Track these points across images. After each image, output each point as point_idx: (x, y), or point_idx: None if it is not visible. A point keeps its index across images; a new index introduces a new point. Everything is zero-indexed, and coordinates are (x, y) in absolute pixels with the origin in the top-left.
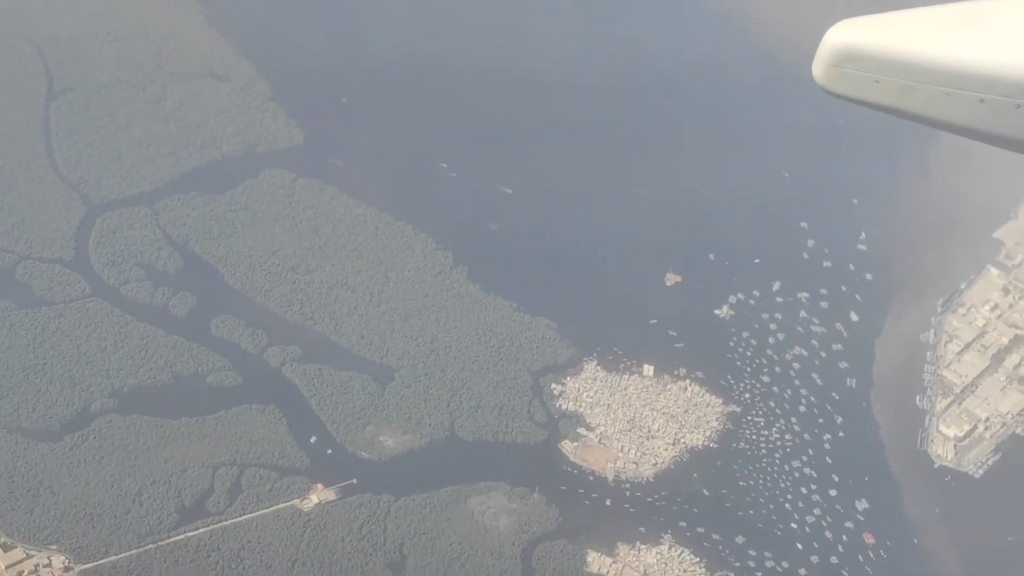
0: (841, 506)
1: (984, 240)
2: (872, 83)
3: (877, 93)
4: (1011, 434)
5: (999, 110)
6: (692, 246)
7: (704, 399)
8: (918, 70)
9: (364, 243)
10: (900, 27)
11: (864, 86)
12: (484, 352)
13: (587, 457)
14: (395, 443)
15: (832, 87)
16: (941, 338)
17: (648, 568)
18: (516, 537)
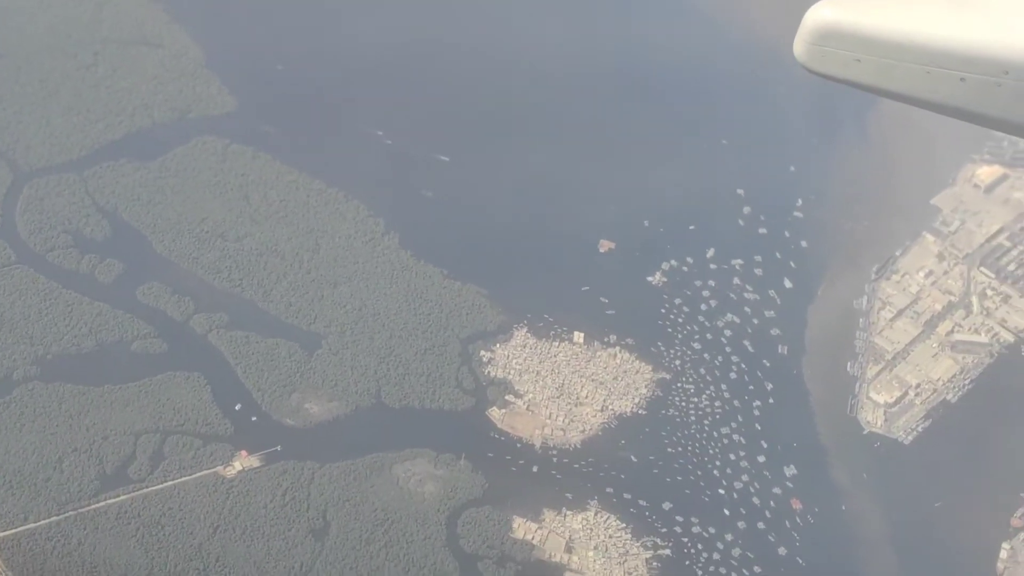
0: (769, 472)
1: (921, 207)
2: (853, 62)
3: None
4: (941, 400)
5: (980, 89)
6: (627, 213)
7: (634, 366)
8: (899, 49)
9: (295, 210)
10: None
11: (845, 65)
12: (413, 319)
13: (515, 424)
14: (321, 410)
15: (813, 66)
16: (874, 305)
17: (573, 534)
18: (441, 503)
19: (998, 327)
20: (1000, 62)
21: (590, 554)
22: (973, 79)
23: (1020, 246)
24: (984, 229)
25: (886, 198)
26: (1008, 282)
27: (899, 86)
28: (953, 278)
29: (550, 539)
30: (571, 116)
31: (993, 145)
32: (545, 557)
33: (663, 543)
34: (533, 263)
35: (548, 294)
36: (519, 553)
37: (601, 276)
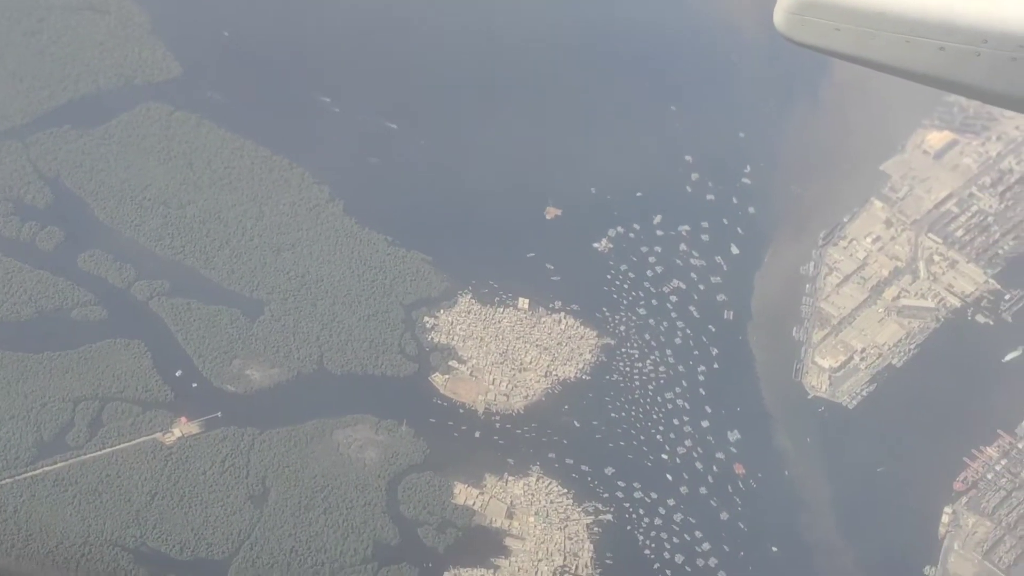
0: (713, 437)
1: (870, 173)
2: (832, 31)
3: (837, 41)
4: (886, 365)
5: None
6: (574, 180)
7: (578, 332)
8: (878, 18)
9: (239, 177)
10: None
11: (824, 34)
12: (357, 286)
13: (457, 390)
14: (262, 377)
15: (792, 35)
16: (821, 270)
17: (515, 499)
18: (382, 469)
19: (944, 292)
20: (979, 31)
21: (531, 519)
22: (952, 48)
23: (968, 212)
24: (932, 195)
25: (835, 164)
26: (955, 248)
27: (878, 55)
28: (900, 244)
29: (491, 504)
30: (518, 84)
31: (943, 111)
32: (486, 522)
33: (604, 508)
34: (479, 230)
35: (493, 260)
36: (459, 518)
37: (547, 243)
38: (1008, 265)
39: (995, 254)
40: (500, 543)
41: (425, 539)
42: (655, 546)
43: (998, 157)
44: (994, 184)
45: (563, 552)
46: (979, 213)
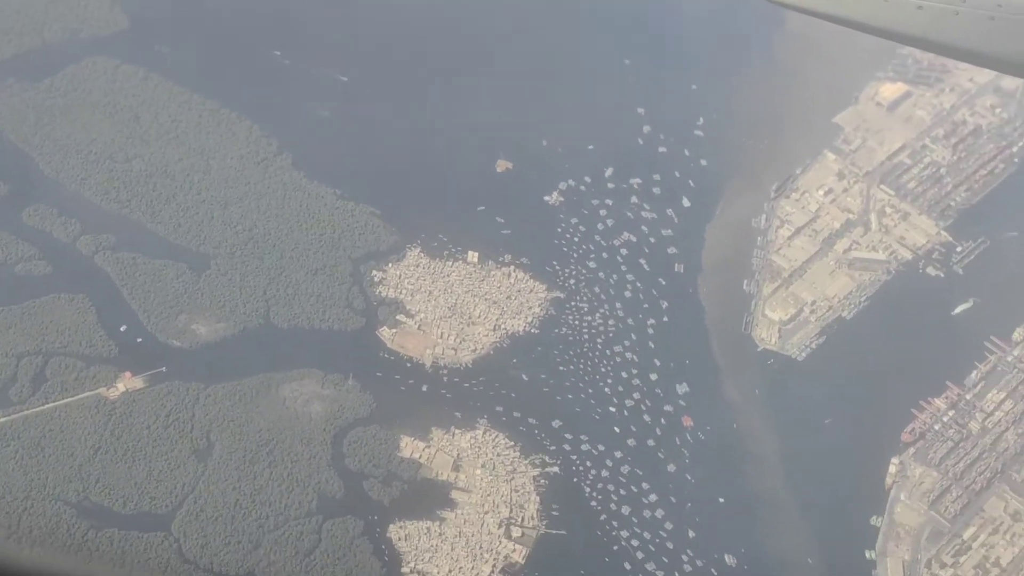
0: (661, 390)
1: (823, 125)
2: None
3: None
4: (837, 317)
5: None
6: (525, 133)
7: (528, 285)
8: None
9: (186, 131)
10: None
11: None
12: (304, 239)
13: (405, 343)
14: (208, 331)
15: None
16: (772, 223)
17: (461, 452)
18: (327, 423)
19: (896, 244)
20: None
21: (477, 472)
22: (930, 7)
23: (920, 164)
24: (885, 147)
25: (788, 117)
26: (907, 200)
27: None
28: (853, 196)
29: (438, 457)
30: (471, 38)
31: (897, 63)
32: (432, 475)
33: (551, 461)
34: (429, 183)
35: (443, 214)
36: (405, 471)
37: (497, 196)
38: (960, 217)
39: (947, 206)
40: (446, 496)
41: (370, 492)
42: (602, 498)
43: (952, 109)
44: (947, 136)
45: (509, 504)
46: (932, 165)
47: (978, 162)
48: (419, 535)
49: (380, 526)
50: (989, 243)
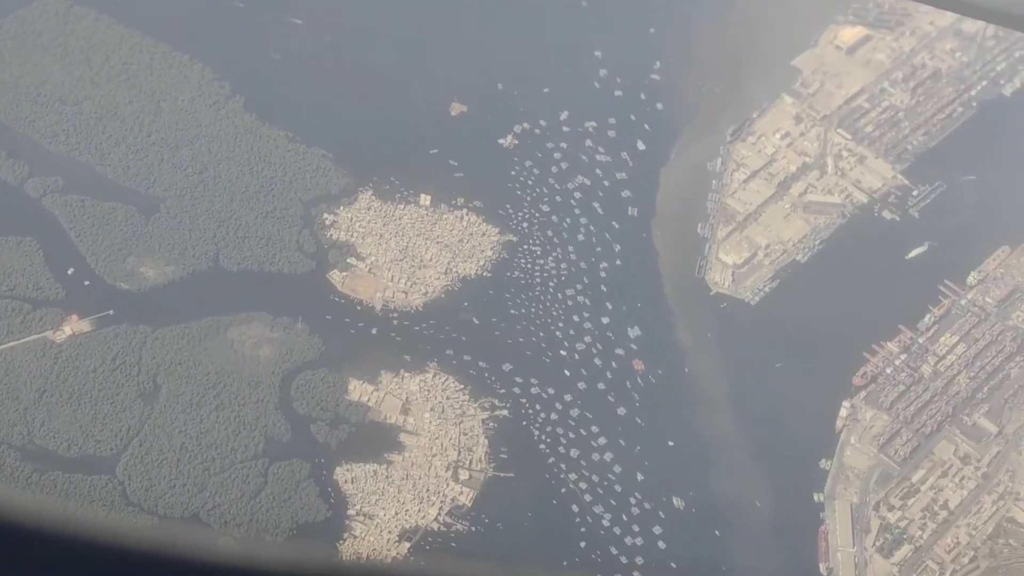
0: (613, 334)
1: (781, 69)
2: None
3: None
4: (791, 261)
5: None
6: (480, 76)
7: (480, 228)
8: None
9: (138, 73)
10: None
11: None
12: (255, 182)
13: (355, 287)
14: (156, 274)
15: None
16: (728, 167)
17: (410, 395)
18: (276, 366)
19: (852, 188)
20: None
21: (426, 415)
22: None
23: (878, 108)
24: (844, 91)
25: (746, 60)
26: (864, 143)
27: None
28: (809, 140)
29: (386, 401)
30: None
31: (858, 6)
32: (380, 418)
33: (501, 404)
34: (382, 127)
35: (396, 157)
36: (353, 415)
37: (451, 139)
38: (917, 161)
39: (904, 150)
40: (394, 439)
41: (318, 435)
42: (550, 441)
43: (911, 52)
44: (906, 79)
45: (457, 447)
46: (890, 109)
47: (936, 106)
48: (366, 478)
49: (327, 469)
50: (946, 187)
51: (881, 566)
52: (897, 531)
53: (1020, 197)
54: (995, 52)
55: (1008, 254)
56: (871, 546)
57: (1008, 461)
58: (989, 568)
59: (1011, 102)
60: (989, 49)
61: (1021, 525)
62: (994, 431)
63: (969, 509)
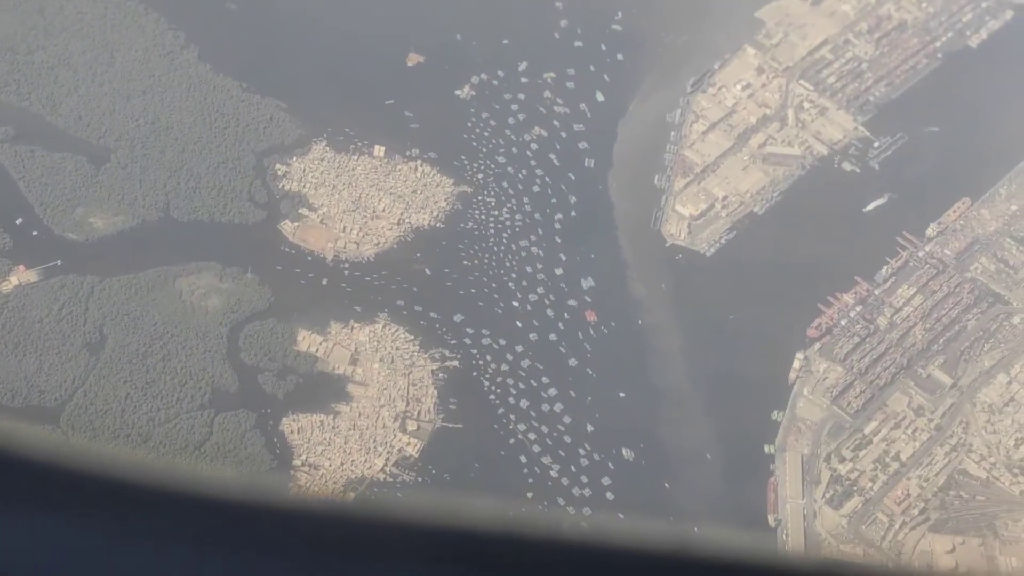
0: (566, 285)
1: (745, 20)
2: None
3: None
4: (748, 212)
5: None
6: (438, 26)
7: (435, 179)
8: None
9: (92, 24)
10: None
11: None
12: (208, 133)
13: (307, 237)
14: (105, 224)
15: None
16: (687, 118)
17: (360, 346)
18: (224, 316)
19: (812, 139)
20: None
21: (375, 365)
22: None
23: (842, 59)
24: (807, 42)
25: (709, 11)
26: (827, 95)
27: None
28: (771, 91)
29: (335, 351)
30: None
31: None
32: (328, 369)
33: (451, 354)
34: (337, 78)
35: (351, 108)
36: (301, 365)
37: (407, 90)
38: (879, 112)
39: (866, 101)
40: (342, 389)
41: (265, 386)
42: (500, 391)
43: (877, 3)
44: (871, 30)
45: (406, 398)
46: (853, 60)
47: (901, 57)
48: (312, 428)
49: (273, 419)
50: (907, 138)
51: (830, 517)
52: (847, 483)
53: (982, 149)
54: (962, 3)
55: (968, 206)
56: (820, 497)
57: (962, 413)
58: (939, 520)
59: (977, 53)
60: (956, 0)
61: (973, 477)
62: (948, 383)
63: (921, 461)
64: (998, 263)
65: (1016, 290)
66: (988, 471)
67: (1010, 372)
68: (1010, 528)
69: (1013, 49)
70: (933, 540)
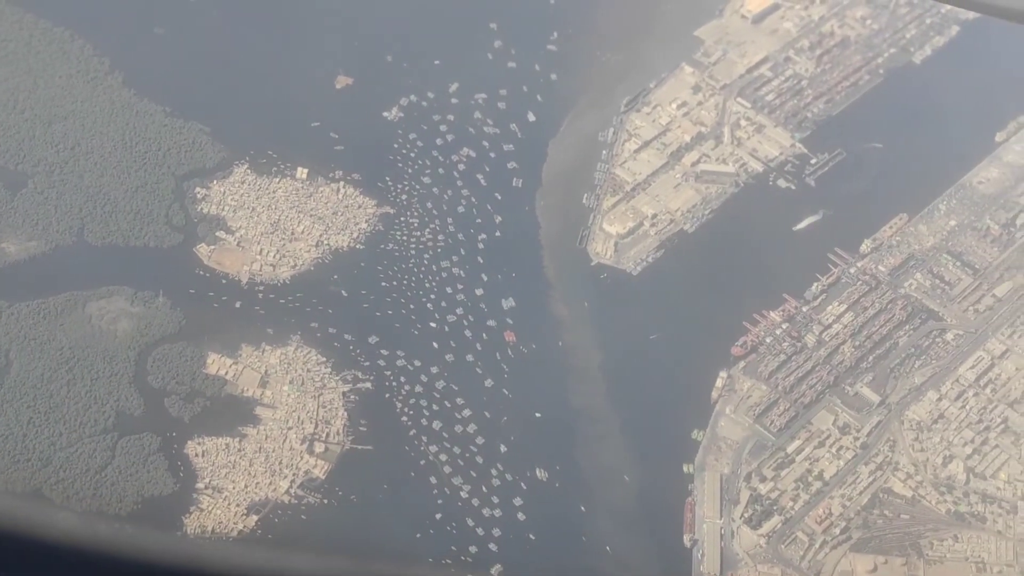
0: (486, 305)
1: (684, 39)
2: None
3: None
4: (678, 231)
5: None
6: (369, 48)
7: (357, 201)
8: None
9: (15, 51)
10: None
11: None
12: (127, 157)
13: (222, 260)
14: (17, 249)
15: None
16: (620, 137)
17: (270, 368)
18: (133, 340)
19: (747, 157)
20: None
21: (285, 388)
22: None
23: (782, 76)
24: (746, 60)
25: (648, 31)
26: (764, 112)
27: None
28: (707, 109)
29: (245, 374)
30: None
31: None
32: (237, 392)
33: (364, 376)
34: (263, 101)
35: (275, 131)
36: (209, 388)
37: (334, 112)
38: (818, 129)
39: (805, 118)
40: (250, 412)
41: (171, 409)
42: (413, 413)
43: (820, 20)
44: (812, 47)
45: (315, 420)
46: (793, 77)
47: (842, 74)
48: (217, 451)
49: (178, 443)
50: (846, 155)
51: (748, 537)
52: (767, 502)
53: (921, 165)
54: (907, 20)
55: (906, 221)
56: (739, 517)
57: (889, 431)
58: (862, 539)
59: (920, 69)
60: (901, 16)
61: (898, 496)
62: (876, 400)
63: (845, 480)
64: (934, 279)
65: (951, 306)
66: (914, 489)
67: (940, 389)
68: (935, 548)
69: (957, 65)
70: (854, 560)
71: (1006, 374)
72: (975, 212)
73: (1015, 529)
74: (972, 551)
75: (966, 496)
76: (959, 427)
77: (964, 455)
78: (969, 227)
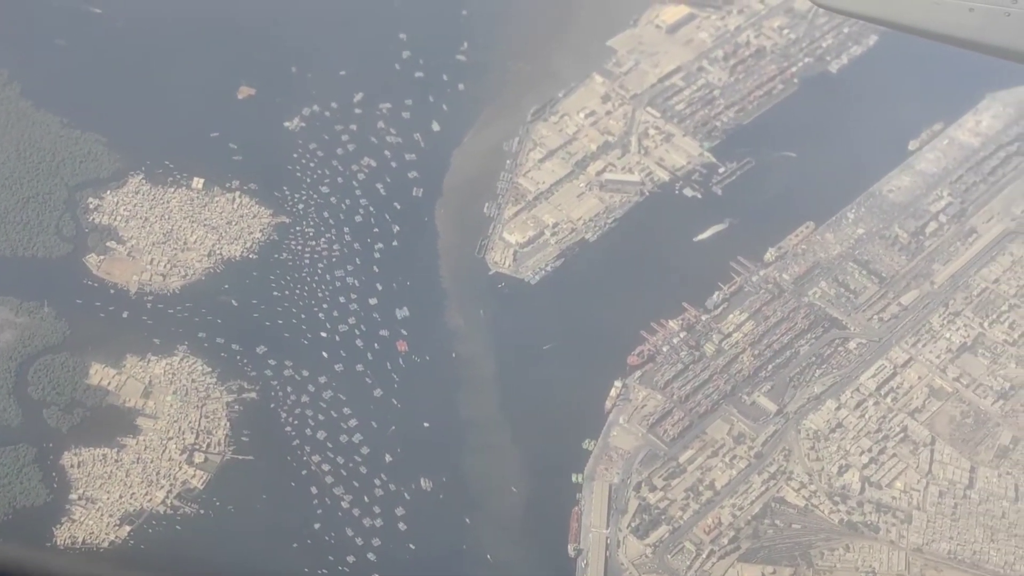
0: (379, 315)
1: (596, 49)
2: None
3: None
4: (579, 240)
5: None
6: (273, 59)
7: (252, 210)
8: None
9: None
10: None
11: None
12: (20, 168)
13: (112, 270)
14: None
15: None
16: (525, 146)
17: (154, 379)
18: (15, 351)
19: (654, 166)
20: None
21: (168, 398)
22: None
23: (694, 86)
24: (659, 69)
25: (560, 41)
26: (674, 121)
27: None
28: (616, 118)
29: (128, 384)
30: None
31: None
32: (119, 402)
33: (250, 386)
34: (163, 111)
35: (174, 141)
36: (91, 399)
37: (234, 122)
38: (728, 138)
39: (715, 127)
40: (131, 422)
41: (49, 420)
42: (298, 423)
43: (736, 31)
44: (727, 57)
45: (196, 430)
46: (706, 86)
47: (756, 83)
48: (94, 462)
49: (54, 454)
50: (755, 164)
51: (634, 547)
52: (656, 512)
53: (832, 173)
54: (825, 29)
55: (812, 230)
56: (626, 527)
57: (785, 440)
58: (751, 549)
59: (836, 78)
60: (819, 27)
61: (790, 505)
62: (773, 410)
63: (737, 490)
64: (839, 287)
65: (855, 315)
66: (807, 499)
67: (840, 398)
68: (825, 557)
69: (872, 73)
70: (742, 569)
71: (908, 383)
72: (884, 220)
73: (908, 539)
74: (863, 561)
75: (860, 506)
76: (857, 436)
77: (860, 464)
78: (877, 235)
